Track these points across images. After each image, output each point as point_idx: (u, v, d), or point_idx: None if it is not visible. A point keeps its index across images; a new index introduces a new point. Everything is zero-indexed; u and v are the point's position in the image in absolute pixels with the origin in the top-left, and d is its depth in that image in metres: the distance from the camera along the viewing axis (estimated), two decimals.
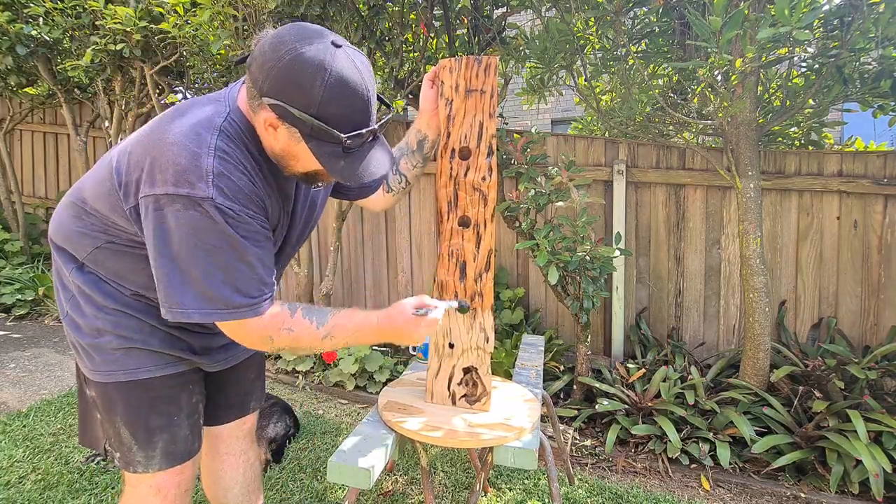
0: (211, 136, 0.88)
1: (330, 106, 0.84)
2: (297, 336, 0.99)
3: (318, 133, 0.86)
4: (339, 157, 0.88)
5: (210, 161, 0.86)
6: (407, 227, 3.41)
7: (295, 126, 0.86)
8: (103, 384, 1.04)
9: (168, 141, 0.87)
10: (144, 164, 0.88)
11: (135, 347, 1.04)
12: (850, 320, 2.66)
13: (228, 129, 0.91)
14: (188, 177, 0.84)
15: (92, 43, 3.33)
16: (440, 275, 1.33)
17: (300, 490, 1.94)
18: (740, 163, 2.33)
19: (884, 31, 1.86)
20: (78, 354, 1.08)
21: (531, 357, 1.94)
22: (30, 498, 1.84)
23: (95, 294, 1.03)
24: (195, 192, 0.84)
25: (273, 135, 0.90)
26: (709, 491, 2.06)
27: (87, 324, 1.04)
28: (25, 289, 3.98)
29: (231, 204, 0.87)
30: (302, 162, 0.93)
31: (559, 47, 2.46)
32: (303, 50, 0.83)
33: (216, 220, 0.86)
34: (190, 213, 0.85)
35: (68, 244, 1.05)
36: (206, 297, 0.89)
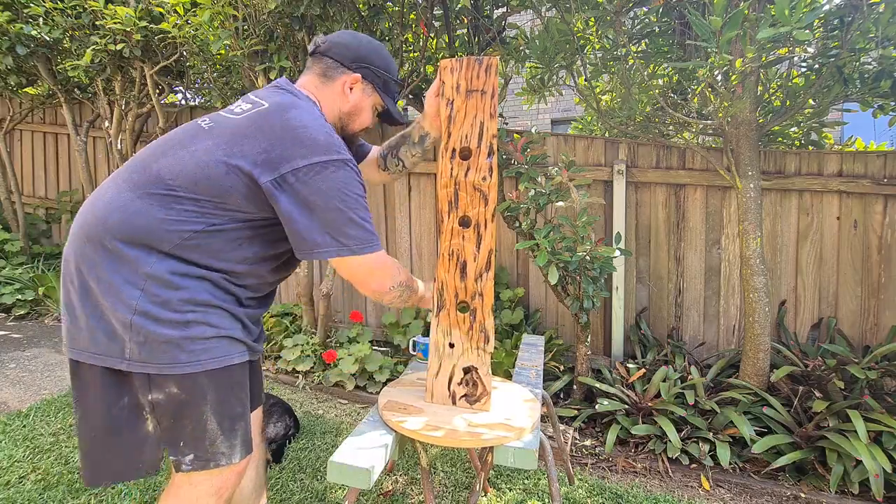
0: (322, 119, 1.15)
1: (391, 67, 1.31)
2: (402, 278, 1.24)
3: (388, 85, 1.30)
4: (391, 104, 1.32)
5: (335, 137, 1.12)
6: (407, 227, 3.41)
7: (373, 83, 1.27)
8: (192, 375, 1.04)
9: (300, 125, 1.08)
10: (282, 145, 1.06)
11: (224, 336, 1.09)
12: (850, 320, 2.66)
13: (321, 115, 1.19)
14: (332, 147, 1.09)
15: (92, 43, 3.33)
16: (440, 274, 1.33)
17: (300, 490, 1.94)
18: (740, 163, 2.33)
19: (884, 31, 1.86)
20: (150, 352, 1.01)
21: (531, 357, 1.94)
22: (30, 498, 1.84)
23: (183, 282, 1.04)
24: (342, 156, 1.09)
25: (347, 95, 1.25)
26: (709, 491, 2.06)
27: (173, 317, 1.02)
28: (25, 289, 3.98)
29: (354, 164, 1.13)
30: (361, 116, 1.29)
31: (559, 47, 2.46)
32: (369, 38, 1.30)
33: (357, 174, 1.12)
34: (341, 172, 1.08)
35: (147, 238, 1.03)
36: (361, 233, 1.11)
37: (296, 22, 2.60)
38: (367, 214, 1.13)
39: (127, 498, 1.86)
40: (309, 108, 1.15)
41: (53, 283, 3.98)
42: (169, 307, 1.03)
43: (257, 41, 2.66)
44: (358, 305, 3.58)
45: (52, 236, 4.92)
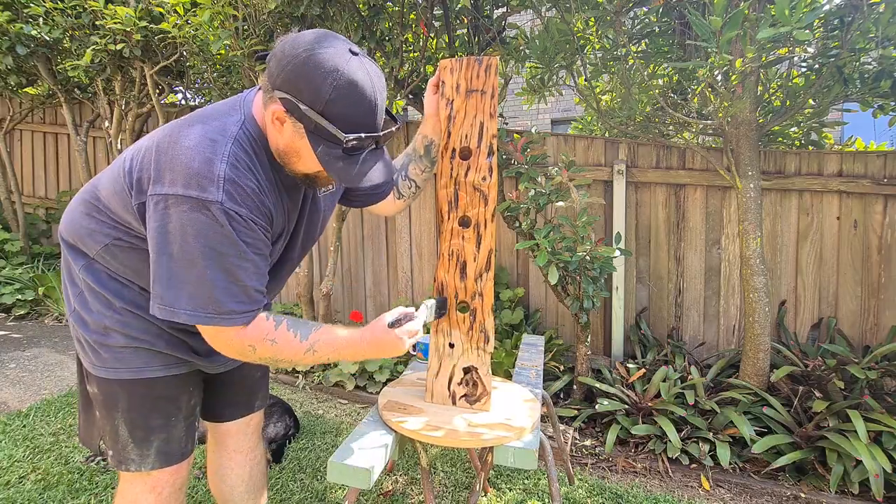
0: (225, 142, 0.91)
1: (335, 106, 0.87)
2: (279, 348, 0.99)
3: (321, 131, 0.89)
4: (339, 158, 0.91)
5: (222, 167, 0.89)
6: (407, 227, 3.41)
7: (301, 122, 0.89)
8: (107, 380, 1.05)
9: (183, 145, 0.90)
10: (157, 164, 0.91)
11: (142, 347, 1.05)
12: (850, 320, 2.66)
13: (242, 136, 0.94)
14: (199, 180, 0.87)
15: (92, 43, 3.33)
16: (440, 275, 1.33)
17: (300, 490, 1.94)
18: (740, 163, 2.33)
19: (884, 31, 1.86)
20: (83, 350, 1.08)
21: (531, 357, 1.94)
22: (30, 498, 1.84)
23: (104, 291, 1.05)
24: (204, 195, 0.86)
25: (279, 129, 0.93)
26: (709, 491, 2.06)
27: (94, 320, 1.05)
28: (25, 289, 3.98)
29: (238, 208, 0.90)
30: (304, 160, 0.96)
31: (559, 47, 2.46)
32: (320, 51, 0.87)
33: (222, 223, 0.88)
34: (196, 215, 0.87)
35: (79, 241, 1.07)
36: (198, 299, 0.90)
37: (296, 22, 2.59)
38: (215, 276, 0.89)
39: None
40: (221, 125, 0.93)
41: (53, 283, 3.97)
42: (91, 310, 1.05)
43: (257, 41, 2.66)
44: (358, 305, 3.58)
45: (52, 236, 4.92)
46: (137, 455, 1.08)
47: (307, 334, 1.02)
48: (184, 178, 0.87)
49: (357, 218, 3.53)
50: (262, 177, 0.96)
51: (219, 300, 0.90)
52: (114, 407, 1.07)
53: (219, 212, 0.87)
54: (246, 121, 0.96)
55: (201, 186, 0.86)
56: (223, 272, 0.90)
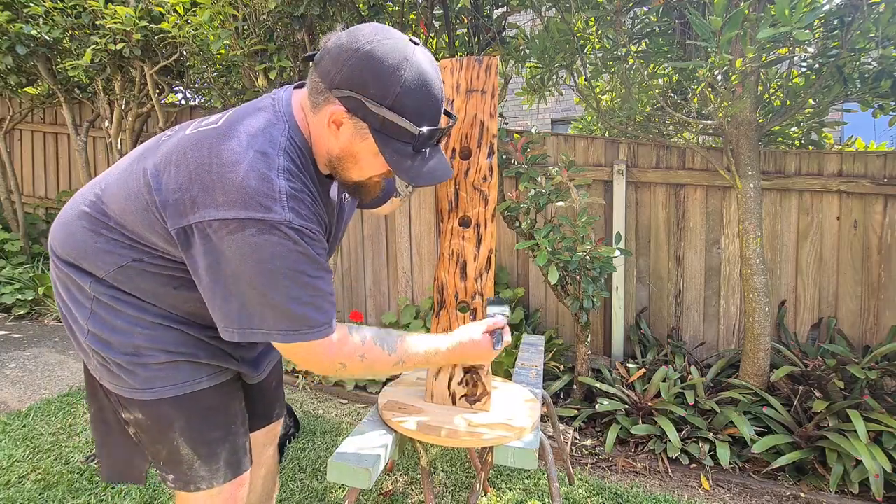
0: (277, 155, 0.84)
1: (407, 98, 0.82)
2: (370, 364, 0.97)
3: (389, 128, 0.83)
4: (407, 157, 0.86)
5: (282, 182, 0.82)
6: (407, 227, 3.41)
7: (365, 121, 0.84)
8: (154, 401, 0.96)
9: (230, 161, 0.81)
10: (201, 185, 0.81)
11: (182, 361, 0.98)
12: (850, 320, 2.66)
13: (290, 147, 0.87)
14: (261, 199, 0.80)
15: (92, 42, 3.33)
16: (440, 275, 1.33)
17: (300, 490, 1.94)
18: (740, 163, 2.33)
19: (884, 30, 1.86)
20: (111, 374, 0.97)
21: (531, 357, 1.94)
22: (30, 497, 1.84)
23: (125, 308, 0.95)
24: (271, 216, 0.80)
25: (335, 133, 0.87)
26: (709, 491, 2.06)
27: (120, 340, 0.95)
28: (25, 289, 3.98)
29: (306, 224, 0.85)
30: (360, 165, 0.91)
31: (559, 47, 2.46)
32: (384, 41, 0.82)
33: (296, 241, 0.83)
34: (266, 237, 0.80)
35: (83, 260, 0.95)
36: (286, 320, 0.85)
37: (296, 22, 2.59)
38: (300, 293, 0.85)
39: (127, 498, 1.86)
40: (270, 137, 0.85)
41: None
42: (114, 329, 0.94)
43: (257, 41, 2.66)
44: (358, 305, 3.58)
45: None
46: (207, 471, 1.01)
47: (394, 347, 1.01)
48: (243, 199, 0.79)
49: (357, 218, 3.53)
50: (312, 187, 0.90)
51: (307, 316, 0.86)
52: (168, 428, 0.98)
53: (289, 230, 0.81)
54: (290, 129, 0.88)
55: (265, 207, 0.80)
56: (306, 288, 0.85)
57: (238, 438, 1.06)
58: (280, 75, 2.76)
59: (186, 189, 0.82)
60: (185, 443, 0.99)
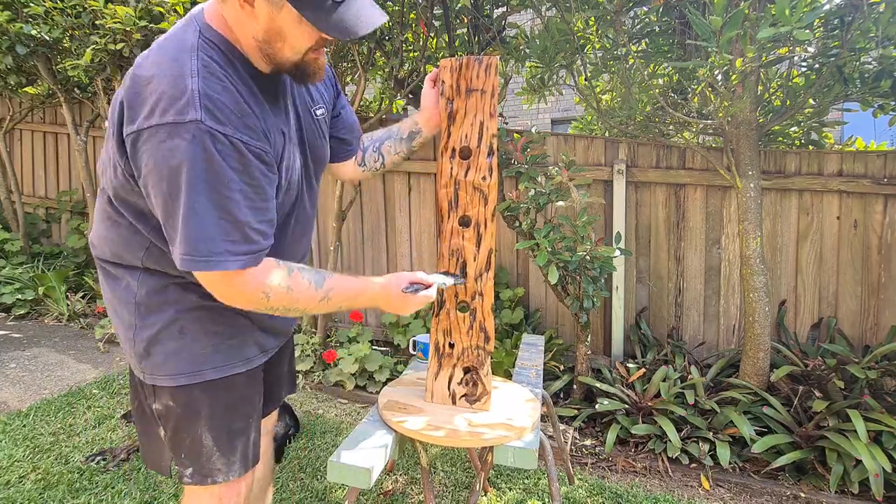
0: (190, 56, 0.81)
1: None
2: (295, 296, 0.92)
3: None
4: (328, 11, 0.80)
5: (195, 81, 0.78)
6: (407, 227, 3.41)
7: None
8: (187, 387, 0.98)
9: (145, 75, 0.80)
10: (128, 104, 0.81)
11: (222, 342, 1.00)
12: (850, 320, 2.66)
13: (204, 46, 0.84)
14: (173, 103, 0.77)
15: (92, 42, 3.33)
16: None
17: (300, 490, 1.94)
18: (740, 162, 2.33)
19: (884, 30, 1.86)
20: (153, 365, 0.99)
21: (531, 357, 1.94)
22: (30, 497, 1.84)
23: (170, 293, 0.97)
24: (182, 117, 0.76)
25: (251, 14, 0.82)
26: (709, 490, 2.06)
27: (166, 327, 0.97)
28: (25, 288, 3.98)
29: (223, 128, 0.79)
30: (290, 41, 0.85)
31: (559, 47, 2.46)
32: None
33: (205, 146, 0.77)
34: (175, 141, 0.76)
35: (119, 255, 0.99)
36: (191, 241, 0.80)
37: None
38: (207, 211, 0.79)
39: (127, 498, 1.86)
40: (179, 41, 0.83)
41: (53, 283, 3.97)
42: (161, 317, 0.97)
43: None
44: None
45: (51, 236, 4.92)
46: (224, 464, 1.02)
47: (321, 282, 0.97)
48: (156, 105, 0.77)
49: (357, 218, 3.53)
50: (239, 87, 0.85)
51: (211, 239, 0.80)
52: (196, 416, 1.00)
53: (199, 132, 0.77)
54: (202, 29, 0.85)
55: (177, 110, 0.76)
56: (212, 205, 0.79)
57: (253, 432, 1.09)
58: None
59: (121, 118, 0.83)
60: (208, 431, 1.00)
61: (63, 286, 3.99)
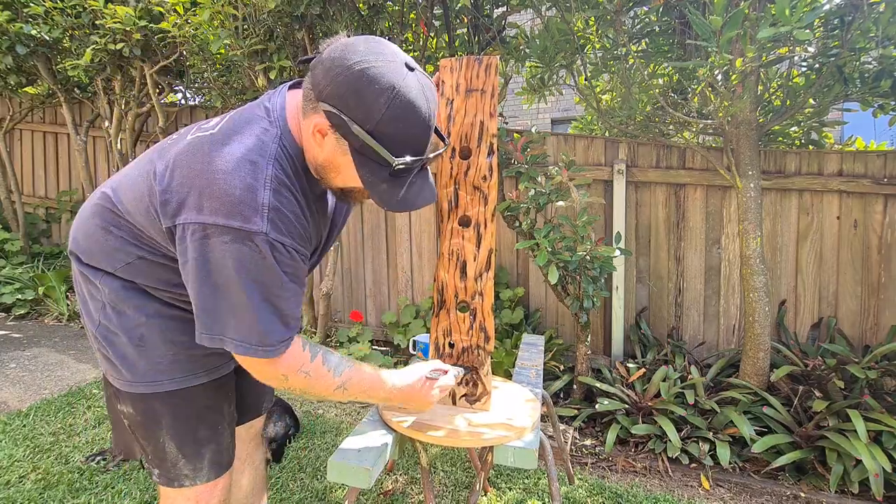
0: (266, 164, 0.85)
1: (388, 127, 0.81)
2: (312, 382, 0.97)
3: (367, 151, 0.83)
4: (383, 181, 0.86)
5: (266, 194, 0.83)
6: (407, 227, 3.41)
7: (346, 138, 0.84)
8: (145, 396, 0.99)
9: (220, 168, 0.83)
10: (192, 188, 0.84)
11: (182, 353, 1.00)
12: (850, 320, 2.66)
13: (281, 155, 0.88)
14: (242, 209, 0.81)
15: (92, 42, 3.33)
16: (440, 274, 1.33)
17: (300, 490, 1.94)
18: (740, 162, 2.33)
19: (884, 30, 1.86)
20: (112, 367, 1.01)
21: (531, 357, 1.94)
22: (30, 497, 1.84)
23: (133, 298, 0.99)
24: (248, 226, 0.81)
25: (319, 142, 0.87)
26: (709, 490, 2.06)
27: (127, 331, 0.98)
28: (25, 288, 3.98)
29: (283, 239, 0.85)
30: (342, 176, 0.91)
31: (559, 47, 2.46)
32: (376, 64, 0.81)
33: (265, 255, 0.83)
34: (238, 246, 0.82)
35: (97, 258, 1.00)
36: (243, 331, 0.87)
37: (296, 21, 2.60)
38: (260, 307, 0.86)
39: (127, 498, 1.86)
40: (261, 145, 0.86)
41: (53, 283, 3.98)
42: (122, 320, 0.99)
43: (257, 41, 2.66)
44: (358, 305, 3.58)
45: (51, 236, 4.92)
46: (191, 469, 1.03)
47: (340, 371, 1.00)
48: (225, 206, 0.81)
49: (357, 218, 3.53)
50: (300, 196, 0.90)
51: (263, 332, 0.87)
52: (156, 424, 1.01)
53: (263, 243, 0.82)
54: (283, 136, 0.89)
55: (244, 217, 0.81)
56: (266, 303, 0.86)
57: (224, 439, 1.09)
58: (280, 75, 2.76)
59: (178, 192, 0.85)
60: (170, 440, 1.01)
61: (63, 286, 3.99)
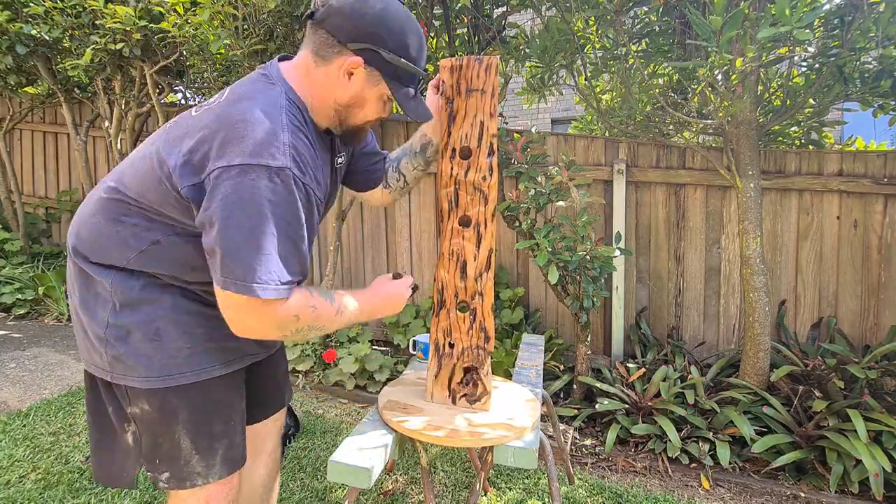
0: (279, 113, 0.93)
1: (412, 49, 1.00)
2: (319, 313, 0.99)
3: (401, 73, 1.00)
4: (410, 98, 1.03)
5: (286, 135, 0.90)
6: (407, 227, 3.41)
7: (380, 69, 0.98)
8: (162, 391, 0.99)
9: (238, 119, 0.89)
10: (214, 141, 0.88)
11: (199, 345, 1.01)
12: (850, 320, 2.66)
13: (290, 106, 0.96)
14: (267, 148, 0.87)
15: (92, 42, 3.33)
16: (440, 274, 1.33)
17: (300, 490, 1.94)
18: (740, 162, 2.33)
19: (884, 30, 1.86)
20: (124, 366, 0.99)
21: (531, 356, 1.94)
22: (30, 497, 1.84)
23: (148, 292, 0.99)
24: (275, 162, 0.87)
25: (346, 83, 0.99)
26: (709, 490, 2.06)
27: (142, 326, 0.98)
28: (25, 288, 3.98)
29: (304, 178, 0.92)
30: (365, 109, 1.03)
31: (559, 46, 2.46)
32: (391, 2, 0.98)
33: (290, 190, 0.89)
34: (265, 182, 0.87)
35: (105, 254, 0.99)
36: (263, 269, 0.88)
37: (296, 21, 2.59)
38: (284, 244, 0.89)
39: (127, 497, 1.86)
40: (270, 98, 0.94)
41: (53, 283, 3.98)
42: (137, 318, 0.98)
43: (257, 41, 2.66)
44: None
45: (51, 236, 4.92)
46: (203, 467, 1.02)
47: (332, 297, 1.04)
48: (250, 147, 0.86)
49: (357, 218, 3.53)
50: (312, 141, 0.99)
51: (283, 270, 0.90)
52: (173, 419, 1.00)
53: (287, 178, 0.88)
54: (287, 91, 0.98)
55: (270, 154, 0.87)
56: (289, 241, 0.91)
57: (236, 435, 1.08)
58: None
59: (198, 150, 0.90)
60: (186, 435, 1.01)
61: (63, 286, 3.99)
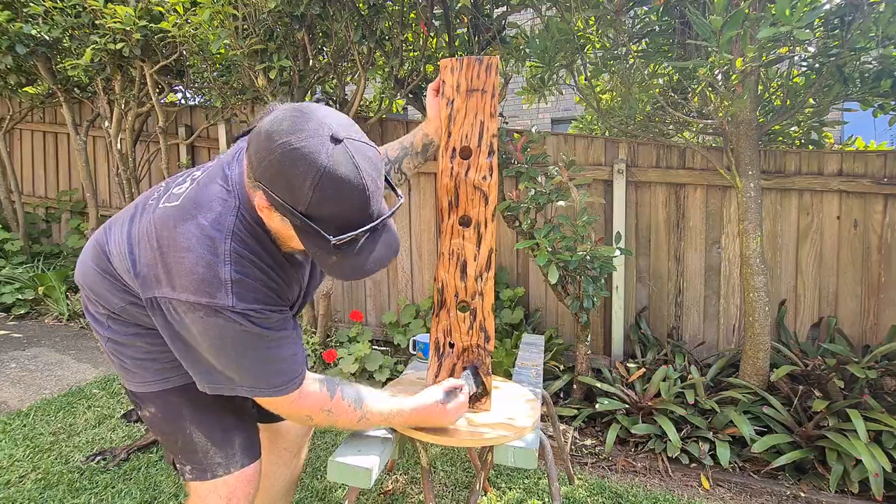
0: (224, 239, 0.87)
1: (321, 207, 0.79)
2: (335, 418, 1.03)
3: (307, 229, 0.81)
4: (331, 253, 0.84)
5: (226, 269, 0.86)
6: (407, 226, 3.40)
7: (286, 217, 0.83)
8: (163, 391, 1.04)
9: (182, 245, 0.86)
10: (161, 265, 0.88)
11: None
12: (850, 320, 2.66)
13: (240, 227, 0.89)
14: (207, 287, 0.85)
15: (92, 42, 3.33)
16: (441, 274, 1.33)
17: (300, 489, 1.94)
18: (740, 162, 2.33)
19: (884, 30, 1.86)
20: (127, 372, 1.06)
21: (531, 356, 1.94)
22: (30, 497, 1.84)
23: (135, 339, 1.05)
24: (216, 302, 0.85)
25: (268, 216, 0.87)
26: (709, 490, 2.06)
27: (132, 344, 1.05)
28: (25, 288, 3.98)
29: (253, 305, 0.88)
30: (296, 242, 0.89)
31: (559, 46, 2.46)
32: (296, 145, 0.78)
33: (241, 323, 0.87)
34: (212, 319, 0.86)
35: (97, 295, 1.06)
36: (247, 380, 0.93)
37: (296, 21, 2.59)
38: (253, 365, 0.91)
39: (127, 497, 1.86)
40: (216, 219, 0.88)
41: (53, 283, 3.97)
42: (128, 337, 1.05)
43: (257, 40, 2.66)
44: (358, 305, 3.58)
45: (51, 236, 4.92)
46: (223, 457, 1.05)
47: (360, 403, 1.06)
48: (192, 284, 0.85)
49: None
50: (266, 259, 0.93)
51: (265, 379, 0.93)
52: (178, 416, 1.05)
53: (233, 314, 0.86)
54: (241, 206, 0.90)
55: (210, 294, 0.85)
56: (259, 360, 0.91)
57: (252, 427, 1.13)
58: (280, 74, 2.76)
59: (152, 267, 0.90)
60: (196, 429, 1.04)
61: (63, 286, 3.99)
